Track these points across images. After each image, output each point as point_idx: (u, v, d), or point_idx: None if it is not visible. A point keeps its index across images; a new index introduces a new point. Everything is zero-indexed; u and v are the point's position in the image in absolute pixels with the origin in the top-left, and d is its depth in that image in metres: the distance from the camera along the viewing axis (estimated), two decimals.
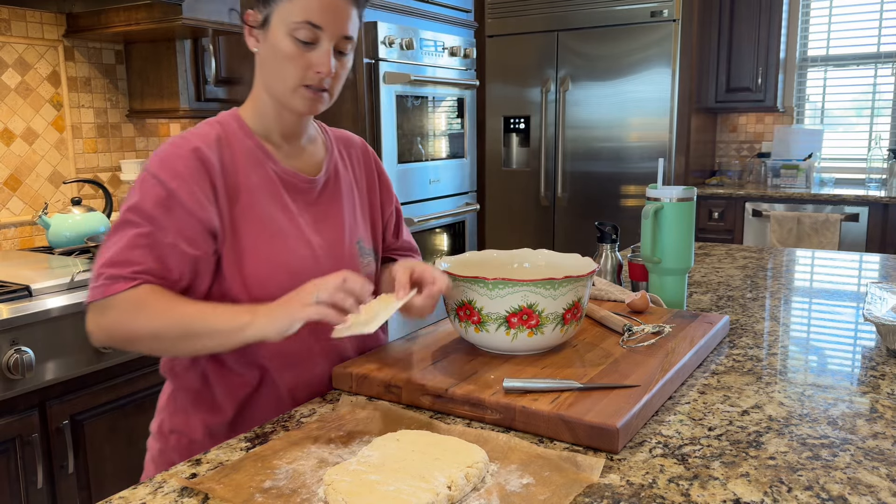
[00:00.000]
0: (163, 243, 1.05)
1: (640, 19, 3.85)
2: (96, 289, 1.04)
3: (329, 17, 1.09)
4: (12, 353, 1.67)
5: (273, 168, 1.16)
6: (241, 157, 1.14)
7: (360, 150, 1.35)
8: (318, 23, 1.08)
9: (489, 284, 1.11)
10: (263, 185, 1.15)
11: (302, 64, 1.10)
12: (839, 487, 0.83)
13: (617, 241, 1.70)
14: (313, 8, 1.08)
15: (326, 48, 1.10)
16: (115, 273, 1.03)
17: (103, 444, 1.92)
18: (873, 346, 1.35)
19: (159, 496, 0.83)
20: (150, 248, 1.05)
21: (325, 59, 1.10)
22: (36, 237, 2.45)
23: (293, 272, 1.14)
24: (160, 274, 1.05)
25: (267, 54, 1.12)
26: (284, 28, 1.09)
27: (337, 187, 1.25)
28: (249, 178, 1.14)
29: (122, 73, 2.67)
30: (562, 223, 4.25)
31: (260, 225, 1.13)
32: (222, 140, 1.13)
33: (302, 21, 1.08)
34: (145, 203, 1.05)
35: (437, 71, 3.27)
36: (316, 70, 1.10)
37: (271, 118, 1.18)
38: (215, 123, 1.15)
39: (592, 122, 4.06)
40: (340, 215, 1.24)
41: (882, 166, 4.16)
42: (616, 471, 0.87)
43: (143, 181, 1.07)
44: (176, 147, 1.09)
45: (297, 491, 0.82)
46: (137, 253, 1.04)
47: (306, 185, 1.20)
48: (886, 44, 4.26)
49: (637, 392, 1.01)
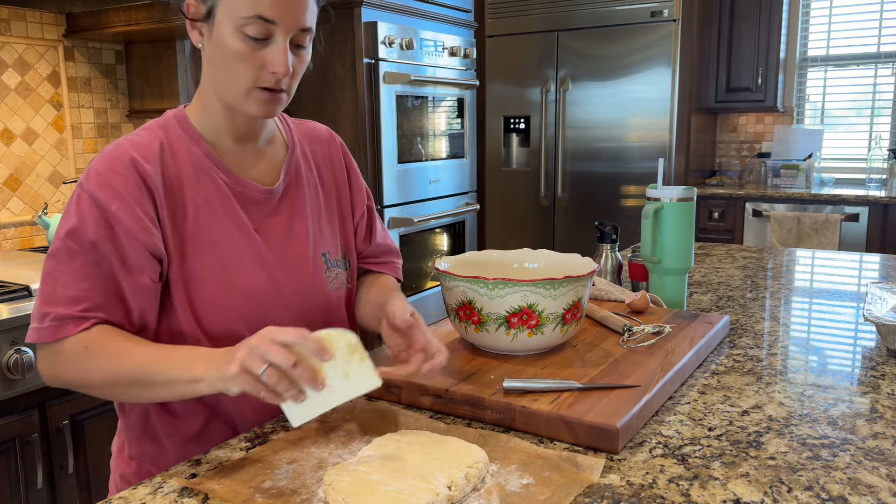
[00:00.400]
0: (110, 273, 0.94)
1: (640, 19, 3.85)
2: (42, 330, 0.94)
3: (282, 8, 0.94)
4: (12, 353, 1.67)
5: (224, 179, 1.03)
6: (188, 167, 1.01)
7: (327, 143, 1.20)
8: (269, 17, 0.94)
9: (489, 284, 1.11)
10: (213, 200, 1.02)
11: (254, 64, 0.96)
12: (839, 487, 0.83)
13: (617, 241, 1.70)
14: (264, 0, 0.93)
15: (282, 45, 0.96)
16: (63, 313, 0.93)
17: (103, 444, 1.92)
18: (873, 347, 1.35)
19: (159, 496, 0.83)
20: (97, 279, 0.94)
21: (282, 58, 0.96)
22: (36, 237, 2.45)
23: (252, 297, 1.03)
24: (111, 309, 0.95)
25: (213, 52, 0.99)
26: (232, 23, 0.95)
27: (298, 195, 1.12)
28: (197, 191, 1.01)
29: (121, 73, 2.67)
30: (562, 223, 4.25)
31: (210, 246, 1.01)
32: (165, 149, 1.01)
33: (251, 16, 0.93)
34: (86, 227, 0.94)
35: (437, 71, 3.27)
36: (271, 70, 0.96)
37: (221, 120, 1.05)
38: (157, 129, 1.03)
39: (592, 122, 4.06)
40: (303, 227, 1.11)
41: (882, 166, 4.16)
42: (616, 471, 0.87)
43: (80, 201, 0.95)
44: (113, 160, 0.97)
45: (298, 491, 0.82)
46: (84, 286, 0.93)
47: (263, 196, 1.07)
48: (886, 44, 4.26)
49: (637, 392, 1.01)
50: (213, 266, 1.01)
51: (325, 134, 1.22)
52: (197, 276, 1.00)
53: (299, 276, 1.09)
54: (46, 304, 0.94)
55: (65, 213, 0.97)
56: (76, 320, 0.93)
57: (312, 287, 1.11)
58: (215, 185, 1.03)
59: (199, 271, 1.00)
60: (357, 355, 0.89)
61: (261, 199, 1.07)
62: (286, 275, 1.08)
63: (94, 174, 0.96)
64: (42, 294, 0.95)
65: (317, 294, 1.12)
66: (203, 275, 1.00)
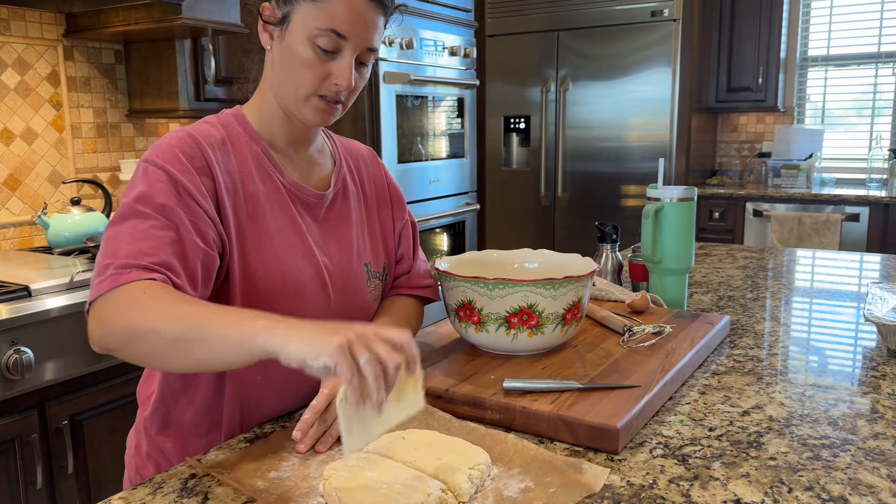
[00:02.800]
0: (178, 237, 0.93)
1: (640, 19, 3.85)
2: (103, 281, 0.89)
3: (356, 27, 0.99)
4: (12, 353, 1.67)
5: (280, 179, 1.07)
6: (248, 162, 1.05)
7: (370, 162, 1.26)
8: (343, 32, 0.99)
9: (489, 284, 1.11)
10: (271, 196, 1.05)
11: (320, 73, 1.00)
12: (840, 488, 0.83)
13: (617, 241, 1.69)
14: (341, 16, 0.98)
15: (349, 60, 1.01)
16: (127, 263, 0.89)
17: (103, 444, 1.92)
18: (874, 347, 1.35)
19: (159, 496, 0.82)
20: (166, 240, 0.92)
21: (347, 72, 1.01)
22: (35, 237, 2.45)
23: (299, 293, 1.05)
24: (176, 271, 0.92)
25: (281, 55, 1.02)
26: (305, 32, 0.99)
27: (346, 204, 1.16)
28: (257, 186, 1.04)
29: (121, 73, 2.67)
30: (562, 223, 4.25)
31: (267, 239, 1.03)
32: (227, 144, 1.04)
33: (326, 28, 0.98)
34: (154, 193, 0.94)
35: (437, 71, 3.27)
36: (334, 81, 1.01)
37: (278, 123, 1.08)
38: (218, 126, 1.05)
39: (593, 121, 4.06)
40: (349, 235, 1.15)
41: (883, 166, 4.16)
42: (616, 471, 0.87)
43: (147, 172, 0.96)
44: (179, 140, 0.99)
45: (300, 484, 0.83)
46: (152, 244, 0.91)
47: (315, 199, 1.11)
48: (887, 44, 4.26)
49: (637, 392, 1.00)
50: (270, 257, 1.03)
51: (367, 153, 1.27)
52: (253, 265, 1.02)
53: (343, 280, 1.12)
54: (108, 257, 0.91)
55: (129, 187, 0.97)
56: (140, 269, 0.89)
57: (353, 293, 1.14)
58: (273, 182, 1.06)
59: (256, 261, 1.02)
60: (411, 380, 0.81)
61: (313, 202, 1.11)
62: (332, 276, 1.10)
63: (161, 150, 0.98)
64: (104, 253, 0.92)
65: (356, 300, 1.15)
66: (259, 264, 1.02)
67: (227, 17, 2.40)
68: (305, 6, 0.99)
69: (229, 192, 1.01)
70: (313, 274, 1.07)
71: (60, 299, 1.78)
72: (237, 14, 2.45)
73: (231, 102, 2.69)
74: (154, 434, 1.10)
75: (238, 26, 2.45)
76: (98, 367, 1.87)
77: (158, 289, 0.88)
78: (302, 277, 1.06)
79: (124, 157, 2.71)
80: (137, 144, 2.75)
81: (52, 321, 1.75)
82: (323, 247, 1.10)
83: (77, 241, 2.26)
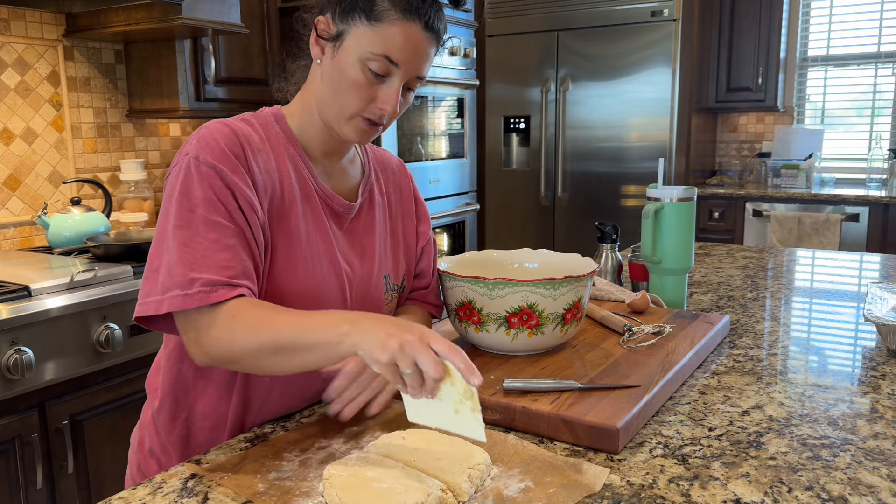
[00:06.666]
0: (247, 244, 0.96)
1: (640, 19, 3.85)
2: (191, 296, 0.91)
3: (409, 55, 1.00)
4: (12, 353, 1.67)
5: (314, 184, 1.07)
6: (286, 164, 1.05)
7: (398, 173, 1.25)
8: (396, 59, 0.99)
9: (489, 284, 1.11)
10: (306, 199, 1.05)
11: (367, 96, 1.01)
12: (839, 488, 0.83)
13: (617, 241, 1.70)
14: (396, 43, 0.98)
15: (396, 86, 1.01)
16: (214, 279, 0.91)
17: (103, 444, 1.92)
18: (874, 347, 1.35)
19: (159, 496, 0.83)
20: (240, 249, 0.95)
21: (394, 98, 1.01)
22: (35, 237, 2.45)
23: (319, 299, 1.05)
24: (254, 277, 0.96)
25: (331, 72, 1.02)
26: (358, 54, 0.99)
27: (371, 215, 1.16)
28: (294, 187, 1.04)
29: (121, 73, 2.67)
30: (562, 223, 4.25)
31: (297, 241, 1.03)
32: (265, 143, 1.04)
33: (380, 53, 0.98)
34: (215, 196, 0.94)
35: (437, 70, 3.27)
36: (380, 106, 1.01)
37: (316, 132, 1.08)
38: (256, 125, 1.05)
39: (592, 122, 4.06)
40: (371, 246, 1.15)
41: (882, 166, 4.16)
42: (616, 471, 0.87)
43: (200, 170, 0.95)
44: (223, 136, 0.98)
45: (300, 485, 0.83)
46: (228, 256, 0.93)
47: (343, 209, 1.11)
48: (887, 44, 4.26)
49: (637, 392, 1.00)
50: (299, 259, 1.03)
51: (396, 164, 1.27)
52: (284, 265, 1.02)
53: (363, 291, 1.13)
54: (192, 270, 0.91)
55: (183, 185, 0.95)
56: (227, 287, 0.92)
57: (371, 304, 1.14)
58: (307, 186, 1.06)
59: (287, 261, 1.02)
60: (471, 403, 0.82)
61: (341, 211, 1.11)
62: (352, 286, 1.10)
63: (208, 146, 0.97)
64: (182, 261, 0.92)
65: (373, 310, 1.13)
66: (290, 266, 1.02)
67: (227, 17, 2.40)
68: (362, 28, 0.98)
69: (266, 192, 1.01)
70: (335, 282, 1.07)
71: (60, 299, 1.78)
72: (237, 14, 2.45)
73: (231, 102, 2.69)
74: (160, 426, 1.11)
75: (238, 26, 2.45)
76: (98, 367, 1.87)
77: (246, 308, 0.91)
78: (324, 284, 1.06)
79: (124, 157, 2.71)
80: (137, 144, 2.75)
81: (52, 321, 1.75)
82: (346, 256, 1.11)
83: (77, 241, 2.26)
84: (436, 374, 0.80)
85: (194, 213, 0.94)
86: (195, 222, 0.94)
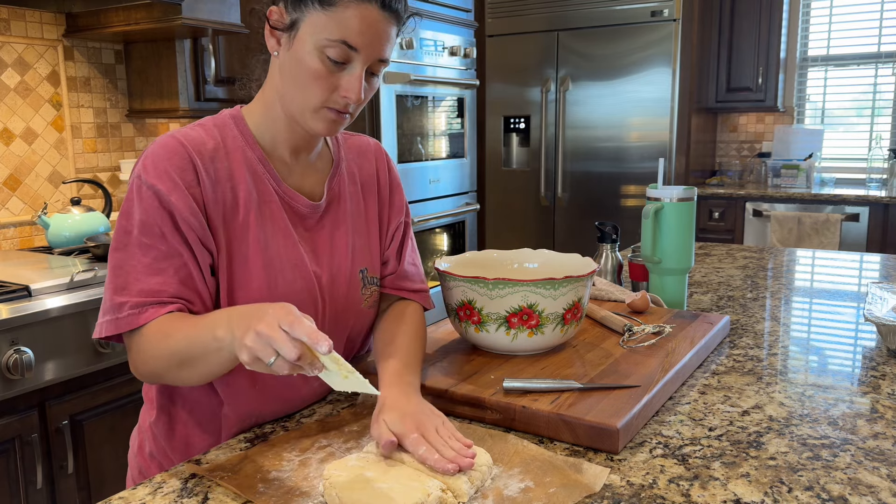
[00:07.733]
0: (183, 265, 0.95)
1: (640, 19, 3.85)
2: (120, 320, 0.93)
3: (368, 38, 0.95)
4: (12, 353, 1.67)
5: (274, 187, 1.04)
6: (242, 168, 1.02)
7: (374, 157, 1.21)
8: (354, 44, 0.94)
9: (489, 284, 1.11)
10: (264, 204, 1.02)
11: (328, 86, 0.97)
12: (840, 488, 0.83)
13: (617, 241, 1.70)
14: (352, 27, 0.94)
15: (359, 72, 0.97)
16: (141, 302, 0.93)
17: (103, 444, 1.92)
18: (874, 347, 1.35)
19: (159, 496, 0.82)
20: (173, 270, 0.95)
21: (356, 85, 0.97)
22: (35, 237, 2.45)
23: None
24: (189, 297, 0.96)
25: (289, 64, 0.98)
26: (314, 42, 0.95)
27: (341, 210, 1.12)
28: (250, 193, 1.01)
29: (121, 73, 2.67)
30: (562, 223, 4.25)
31: (257, 248, 1.01)
32: (220, 149, 1.01)
33: (337, 39, 0.94)
34: (152, 218, 0.94)
35: (437, 70, 3.27)
36: (343, 94, 0.97)
37: (280, 129, 1.05)
38: (213, 128, 1.02)
39: (592, 122, 4.06)
40: (343, 242, 1.11)
41: (882, 166, 4.16)
42: (616, 471, 0.87)
43: (141, 193, 0.95)
44: (167, 150, 0.97)
45: (300, 484, 0.83)
46: (160, 279, 0.94)
47: (308, 209, 1.07)
48: (887, 43, 4.26)
49: (637, 392, 1.00)
50: (256, 269, 1.01)
51: (372, 147, 1.22)
52: (241, 277, 1.00)
53: (336, 291, 1.09)
54: (120, 294, 0.93)
55: (126, 206, 0.97)
56: (157, 305, 0.93)
57: (347, 303, 1.12)
58: (266, 189, 1.03)
59: (242, 273, 1.00)
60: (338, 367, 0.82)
61: (306, 212, 1.07)
62: (324, 288, 1.08)
63: (152, 165, 0.96)
64: (115, 286, 0.94)
65: (350, 309, 1.12)
66: (245, 277, 1.00)
67: (227, 17, 2.40)
68: (315, 14, 0.94)
69: (218, 203, 0.99)
70: (302, 286, 1.04)
71: (60, 299, 1.78)
72: (237, 14, 2.45)
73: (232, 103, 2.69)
74: (159, 433, 1.10)
75: (238, 26, 2.45)
76: (98, 367, 1.87)
77: (165, 323, 0.92)
78: (289, 290, 1.03)
79: (124, 157, 2.71)
80: (137, 144, 2.75)
81: (52, 321, 1.75)
82: (316, 256, 1.08)
83: (77, 241, 2.26)
84: (291, 355, 0.77)
85: (130, 236, 0.95)
86: (130, 245, 0.95)
